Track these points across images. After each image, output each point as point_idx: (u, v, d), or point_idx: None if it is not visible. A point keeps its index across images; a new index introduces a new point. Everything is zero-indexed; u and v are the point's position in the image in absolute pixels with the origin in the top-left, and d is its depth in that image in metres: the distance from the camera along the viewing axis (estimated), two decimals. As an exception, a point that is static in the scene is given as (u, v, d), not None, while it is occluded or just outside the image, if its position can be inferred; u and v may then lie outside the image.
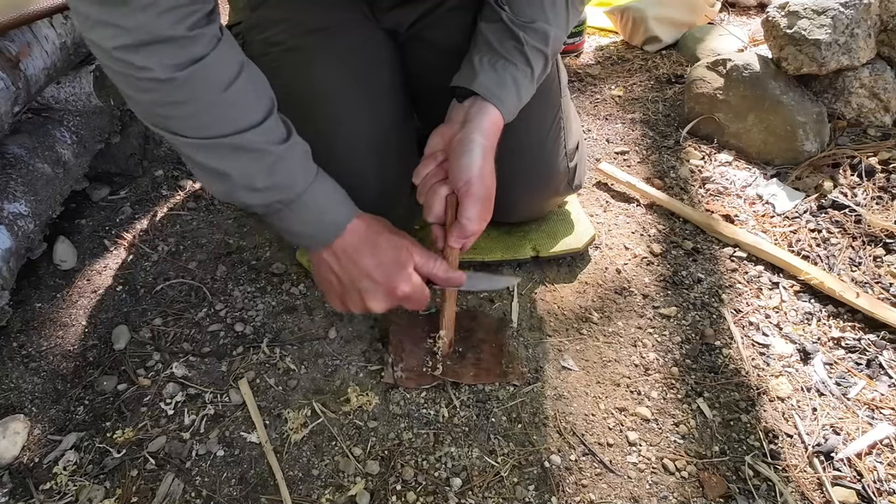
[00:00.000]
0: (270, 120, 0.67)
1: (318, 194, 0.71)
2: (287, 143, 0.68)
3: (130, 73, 0.59)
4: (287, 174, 0.68)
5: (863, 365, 0.85)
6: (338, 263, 0.74)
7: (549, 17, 0.77)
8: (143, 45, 0.58)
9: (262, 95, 0.68)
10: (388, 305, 0.77)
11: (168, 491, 0.73)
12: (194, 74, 0.60)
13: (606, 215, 1.14)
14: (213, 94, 0.62)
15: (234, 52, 0.65)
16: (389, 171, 0.90)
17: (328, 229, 0.73)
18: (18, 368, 0.88)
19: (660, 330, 0.92)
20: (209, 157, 0.65)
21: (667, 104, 1.47)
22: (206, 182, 0.70)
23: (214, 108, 0.63)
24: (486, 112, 0.75)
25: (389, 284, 0.74)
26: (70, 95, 1.12)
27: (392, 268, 0.74)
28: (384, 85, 0.90)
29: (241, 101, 0.65)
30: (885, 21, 1.22)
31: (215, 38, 0.62)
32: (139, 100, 0.63)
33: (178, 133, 0.64)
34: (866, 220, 1.05)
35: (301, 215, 0.71)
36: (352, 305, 0.77)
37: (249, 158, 0.66)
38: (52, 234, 1.07)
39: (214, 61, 0.62)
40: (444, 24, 0.87)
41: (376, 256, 0.74)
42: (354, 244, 0.74)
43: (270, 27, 0.85)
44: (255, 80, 0.67)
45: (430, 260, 0.77)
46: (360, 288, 0.75)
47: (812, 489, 0.72)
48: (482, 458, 0.76)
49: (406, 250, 0.76)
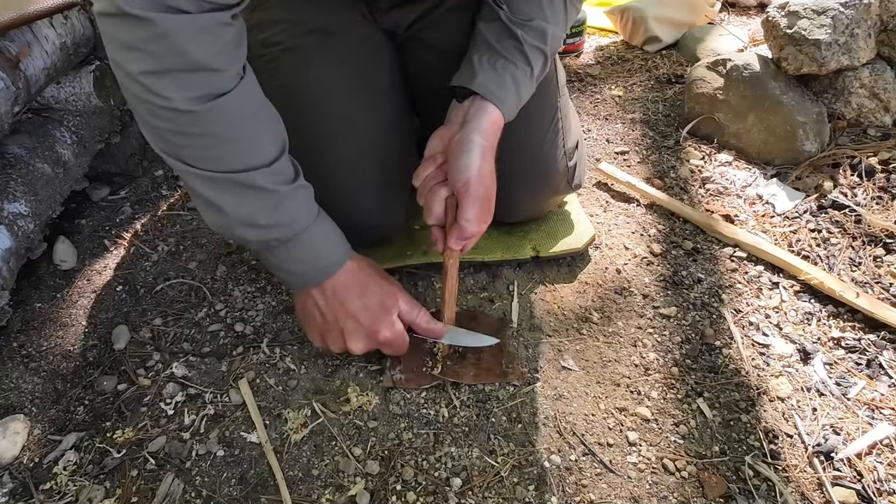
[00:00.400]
0: (281, 161, 0.68)
1: (317, 235, 0.72)
2: (294, 185, 0.69)
3: (150, 100, 0.59)
4: (289, 214, 0.69)
5: (863, 365, 0.85)
6: (324, 301, 0.75)
7: (548, 16, 0.77)
8: (167, 72, 0.57)
9: (275, 135, 0.68)
10: (368, 348, 0.78)
11: (168, 491, 0.73)
12: (214, 109, 0.60)
13: (606, 215, 1.14)
14: (230, 130, 0.63)
15: (255, 90, 0.66)
16: (389, 172, 0.90)
17: (321, 270, 0.74)
18: (18, 368, 0.88)
19: (660, 330, 0.92)
20: (214, 190, 0.65)
21: (667, 104, 1.47)
22: (205, 213, 0.69)
23: (229, 143, 0.63)
24: (486, 112, 0.75)
25: (372, 328, 0.76)
26: (70, 95, 1.12)
27: (377, 312, 0.76)
28: (383, 85, 0.90)
29: (255, 140, 0.65)
30: (885, 21, 1.22)
31: (238, 76, 0.63)
32: (155, 126, 0.62)
33: (188, 163, 0.64)
34: (866, 220, 1.05)
35: (296, 254, 0.71)
36: (331, 343, 0.79)
37: (255, 196, 0.66)
38: (52, 234, 1.07)
39: (236, 98, 0.62)
40: (443, 25, 0.87)
41: (363, 299, 0.76)
42: (344, 284, 0.75)
43: (269, 28, 0.85)
44: (270, 119, 0.68)
45: (414, 308, 0.79)
46: (343, 328, 0.76)
47: (812, 489, 0.72)
48: (482, 458, 0.76)
49: (393, 297, 0.78)
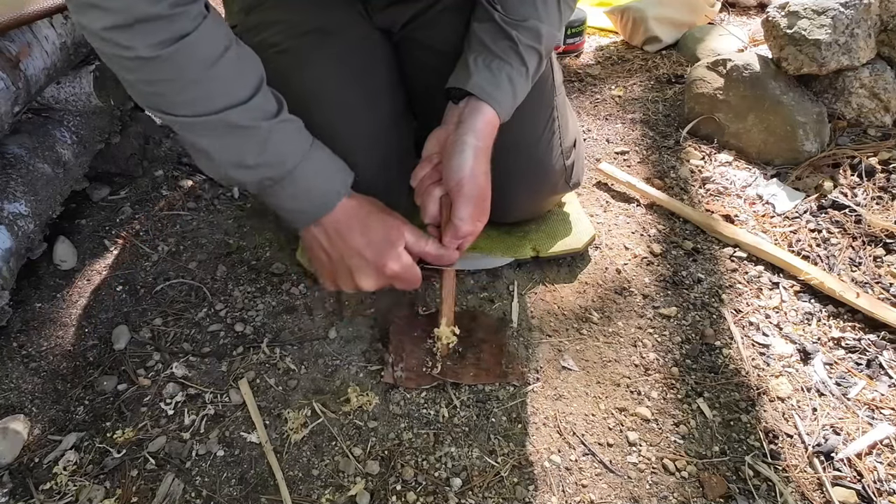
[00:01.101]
0: (259, 96, 0.67)
1: (309, 170, 0.71)
2: (276, 119, 0.68)
3: (118, 53, 0.60)
4: (276, 151, 0.68)
5: (863, 365, 0.85)
6: (328, 240, 0.75)
7: (542, 15, 0.77)
8: (127, 26, 0.58)
9: (249, 72, 0.67)
10: (379, 284, 0.77)
11: (168, 491, 0.73)
12: (178, 52, 0.60)
13: (606, 215, 1.14)
14: (198, 70, 0.62)
15: (220, 29, 0.65)
16: (388, 170, 0.90)
17: (319, 204, 0.73)
18: (18, 368, 0.88)
19: (660, 330, 0.92)
20: (198, 134, 0.66)
21: (667, 104, 1.47)
22: (198, 160, 0.70)
23: (200, 84, 0.63)
24: (480, 112, 0.75)
25: (379, 262, 0.74)
26: (70, 95, 1.12)
27: (382, 246, 0.75)
28: (381, 84, 0.90)
29: (227, 78, 0.65)
30: (885, 21, 1.22)
31: (200, 16, 0.62)
32: (129, 79, 0.63)
33: (167, 111, 0.64)
34: (866, 220, 1.05)
35: (291, 191, 0.71)
36: (342, 283, 0.78)
37: (238, 135, 0.66)
38: (52, 234, 1.07)
39: (199, 38, 0.62)
40: (438, 24, 0.87)
41: (366, 234, 0.74)
42: (345, 221, 0.74)
43: (265, 30, 0.85)
44: (242, 56, 0.67)
45: (421, 239, 0.77)
46: (350, 265, 0.75)
47: (812, 489, 0.72)
48: (482, 458, 0.76)
49: (397, 229, 0.76)
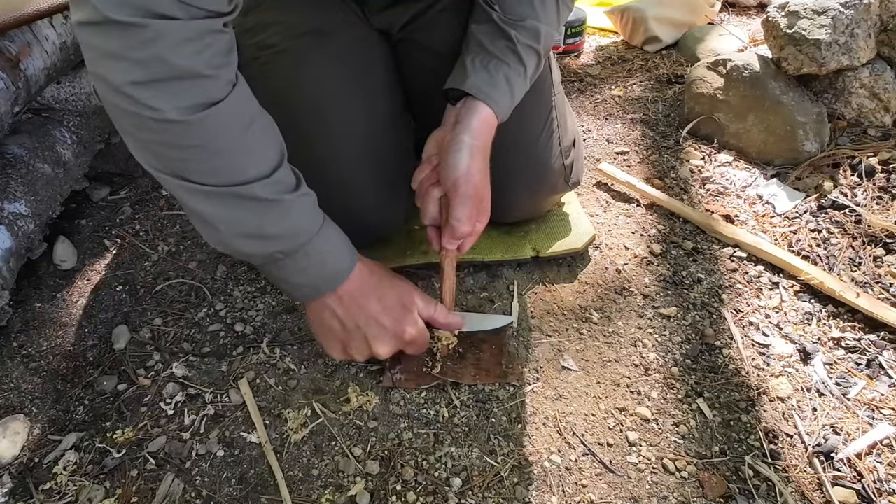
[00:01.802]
0: (281, 170, 0.65)
1: (323, 243, 0.69)
2: (296, 193, 0.66)
3: (139, 112, 0.55)
4: (294, 224, 0.66)
5: (863, 365, 0.85)
6: (343, 309, 0.73)
7: (540, 15, 0.77)
8: (158, 82, 0.54)
9: (273, 143, 0.65)
10: (394, 350, 0.76)
11: (168, 491, 0.73)
12: (209, 118, 0.57)
13: (606, 215, 1.14)
14: (225, 140, 0.60)
15: (248, 98, 0.63)
16: (388, 170, 0.90)
17: (332, 277, 0.71)
18: (18, 368, 0.88)
19: (660, 330, 0.92)
20: (212, 204, 0.62)
21: (667, 104, 1.47)
22: (202, 229, 0.66)
23: (225, 155, 0.60)
24: (477, 112, 0.75)
25: (397, 329, 0.74)
26: (70, 95, 1.12)
27: (399, 312, 0.74)
28: (379, 85, 0.90)
29: (253, 149, 0.63)
30: (885, 21, 1.22)
31: (230, 84, 0.60)
32: (144, 140, 0.59)
33: (182, 177, 0.60)
34: (866, 220, 1.05)
35: (303, 265, 0.68)
36: (356, 352, 0.76)
37: (256, 209, 0.63)
38: (52, 234, 1.07)
39: (229, 106, 0.59)
40: (436, 26, 0.87)
41: (382, 301, 0.74)
42: (361, 288, 0.72)
43: (262, 31, 0.85)
44: (267, 127, 0.65)
45: (430, 304, 0.78)
46: (367, 333, 0.74)
47: (812, 489, 0.72)
48: (482, 458, 0.76)
49: (409, 294, 0.76)
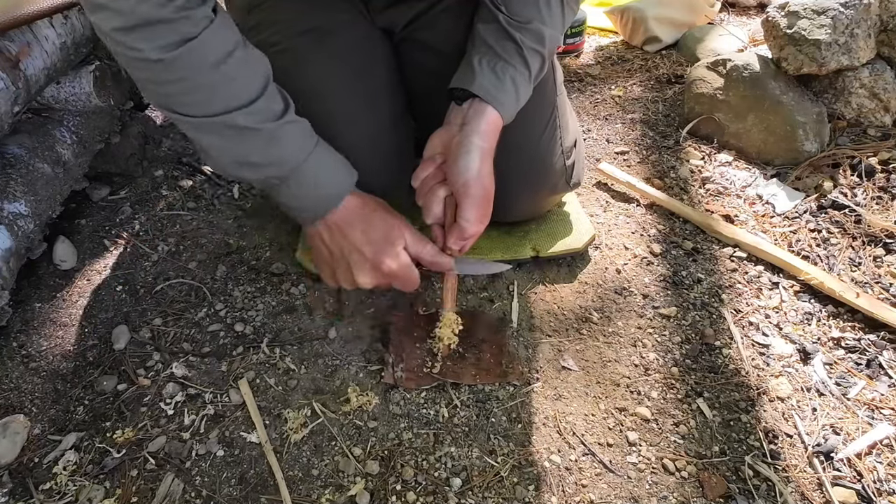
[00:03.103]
0: (263, 98, 0.68)
1: (313, 169, 0.73)
2: (282, 120, 0.70)
3: (126, 54, 0.62)
4: (281, 151, 0.70)
5: (863, 365, 0.85)
6: (329, 236, 0.77)
7: (545, 18, 0.77)
8: (134, 28, 0.60)
9: (255, 74, 0.69)
10: (376, 281, 0.78)
11: (168, 491, 0.73)
12: (183, 55, 0.62)
13: (606, 215, 1.14)
14: (204, 73, 0.64)
15: (227, 32, 0.66)
16: (387, 171, 0.90)
17: (322, 203, 0.75)
18: (18, 368, 0.88)
19: (660, 330, 0.92)
20: (202, 134, 0.68)
21: (667, 104, 1.47)
22: (203, 156, 0.72)
23: (205, 87, 0.65)
24: (485, 114, 0.75)
25: (376, 259, 0.76)
26: (70, 95, 1.12)
27: (381, 244, 0.76)
28: (381, 83, 0.90)
29: (232, 80, 0.66)
30: (885, 21, 1.22)
31: (206, 19, 0.63)
32: (138, 78, 0.65)
33: (176, 111, 0.66)
34: (866, 220, 1.05)
35: (295, 190, 0.73)
36: (341, 279, 0.80)
37: (241, 136, 0.68)
38: (52, 234, 1.07)
39: (204, 42, 0.63)
40: (438, 25, 0.87)
41: (367, 232, 0.76)
42: (347, 218, 0.76)
43: (266, 29, 0.85)
44: (249, 58, 0.68)
45: (419, 241, 0.79)
46: (349, 261, 0.77)
47: (812, 489, 0.72)
48: (482, 458, 0.76)
49: (397, 229, 0.77)
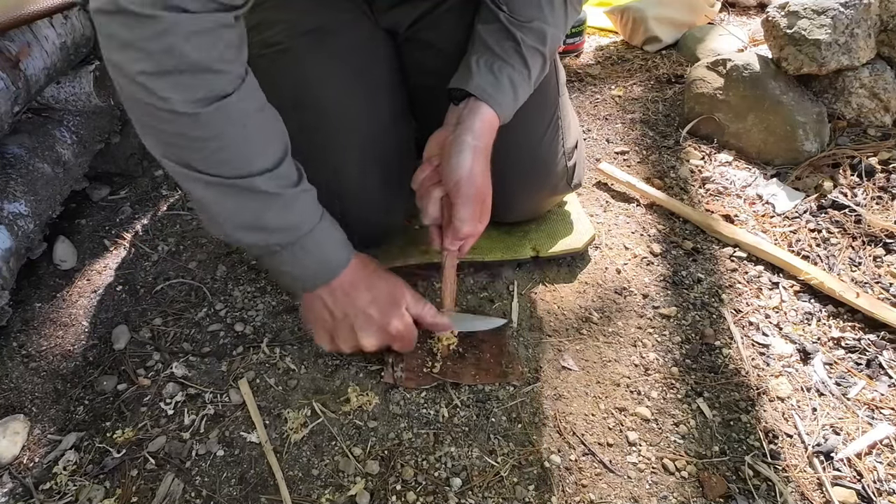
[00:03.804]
0: (285, 164, 0.67)
1: (321, 237, 0.71)
2: (298, 188, 0.68)
3: (150, 102, 0.58)
4: (294, 218, 0.68)
5: (863, 365, 0.85)
6: (332, 299, 0.75)
7: (547, 17, 0.77)
8: (167, 73, 0.56)
9: (278, 138, 0.67)
10: (380, 342, 0.78)
11: (168, 491, 0.73)
12: (216, 112, 0.59)
13: (606, 215, 1.14)
14: (233, 134, 0.62)
15: (256, 93, 0.65)
16: (389, 168, 0.90)
17: (327, 270, 0.73)
18: (18, 368, 0.88)
19: (660, 330, 0.92)
20: (216, 194, 0.64)
21: (667, 104, 1.47)
22: (204, 218, 0.69)
23: (232, 148, 0.62)
24: (479, 113, 0.75)
25: (384, 321, 0.76)
26: (70, 95, 1.12)
27: (387, 305, 0.76)
28: (382, 84, 0.90)
29: (258, 144, 0.65)
30: (885, 21, 1.22)
31: (240, 78, 0.62)
32: (155, 128, 0.61)
33: (190, 167, 0.62)
34: (866, 220, 1.05)
35: (300, 257, 0.70)
36: (342, 343, 0.78)
37: (258, 201, 0.65)
38: (52, 234, 1.07)
39: (238, 101, 0.61)
40: (442, 24, 0.87)
41: (372, 293, 0.76)
42: (351, 281, 0.74)
43: (268, 28, 0.85)
44: (272, 121, 0.67)
45: (419, 302, 0.79)
46: (354, 323, 0.75)
47: (812, 489, 0.72)
48: (482, 458, 0.76)
49: (400, 289, 0.78)
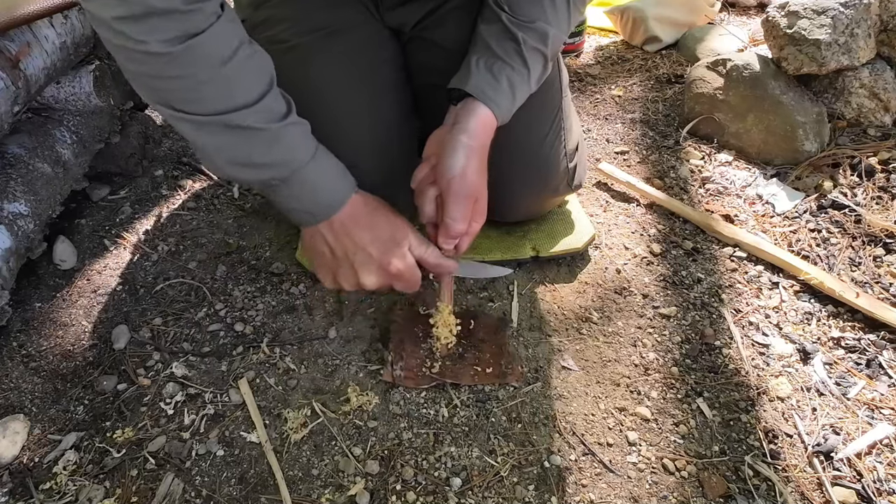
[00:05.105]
0: (268, 98, 0.67)
1: (316, 172, 0.71)
2: (285, 122, 0.68)
3: (126, 45, 0.59)
4: (284, 152, 0.68)
5: (863, 365, 0.85)
6: (333, 236, 0.74)
7: (550, 17, 0.77)
8: (139, 17, 0.57)
9: (260, 72, 0.67)
10: (381, 282, 0.76)
11: (168, 491, 0.73)
12: (189, 49, 0.60)
13: (606, 215, 1.14)
14: (209, 70, 0.62)
15: (233, 29, 0.65)
16: (392, 171, 0.89)
17: (325, 206, 0.73)
18: (18, 368, 0.88)
19: (660, 330, 0.92)
20: (203, 132, 0.65)
21: (667, 104, 1.47)
22: (200, 156, 0.70)
23: (210, 84, 0.63)
24: (475, 113, 0.75)
25: (384, 259, 0.74)
26: (70, 95, 1.12)
27: (388, 243, 0.75)
28: (387, 83, 0.90)
29: (237, 79, 0.64)
30: (885, 21, 1.22)
31: (214, 15, 0.62)
32: (136, 71, 0.62)
33: (174, 107, 0.63)
34: (866, 220, 1.05)
35: (297, 192, 0.71)
36: (343, 280, 0.77)
37: (244, 136, 0.66)
38: (52, 233, 1.07)
39: (211, 37, 0.61)
40: (447, 23, 0.87)
41: (373, 230, 0.74)
42: (351, 217, 0.74)
43: (273, 26, 0.85)
44: (253, 57, 0.67)
45: (423, 244, 0.77)
46: (354, 261, 0.75)
47: (812, 489, 0.72)
48: (482, 458, 0.76)
49: (402, 229, 0.76)
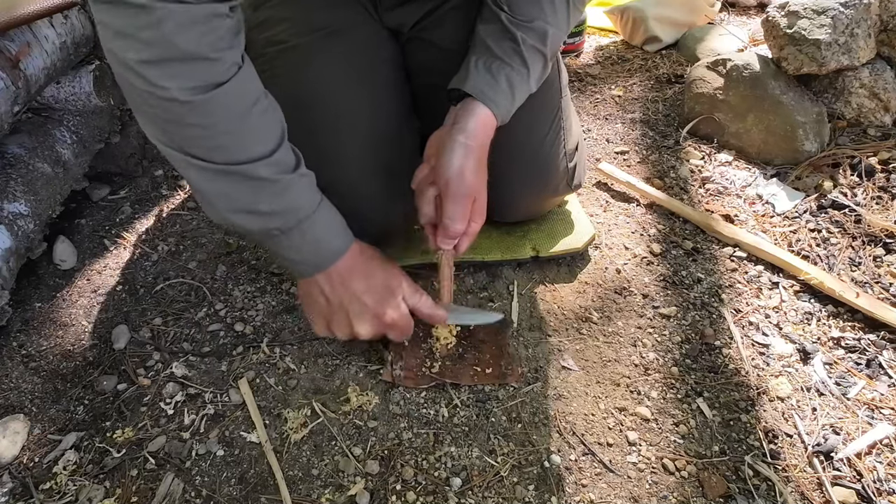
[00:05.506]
0: (282, 149, 0.67)
1: (319, 223, 0.71)
2: (295, 173, 0.68)
3: (147, 90, 0.58)
4: (291, 202, 0.68)
5: (863, 365, 0.85)
6: (330, 286, 0.75)
7: (549, 17, 0.77)
8: (165, 62, 0.56)
9: (275, 124, 0.67)
10: (374, 331, 0.78)
11: (168, 491, 0.73)
12: (213, 99, 0.60)
13: (606, 215, 1.14)
14: (230, 121, 0.62)
15: (253, 80, 0.65)
16: (391, 168, 0.89)
17: (325, 257, 0.74)
18: (18, 368, 0.88)
19: (660, 330, 0.92)
20: (214, 181, 0.65)
21: (667, 104, 1.47)
22: (203, 203, 0.69)
23: (229, 135, 0.63)
24: (474, 112, 0.75)
25: (378, 309, 0.76)
26: (70, 95, 1.12)
27: (383, 293, 0.76)
28: (386, 84, 0.90)
29: (255, 131, 0.65)
30: (885, 21, 1.22)
31: (236, 65, 0.62)
32: (152, 115, 0.61)
33: (187, 153, 0.63)
34: (866, 219, 1.05)
35: (297, 243, 0.71)
36: (337, 329, 0.78)
37: (256, 187, 0.66)
38: (52, 233, 1.07)
39: (234, 88, 0.61)
40: (446, 23, 0.87)
41: (368, 281, 0.76)
42: (349, 268, 0.75)
43: (272, 26, 0.85)
44: (269, 108, 0.67)
45: (416, 293, 0.79)
46: (349, 311, 0.76)
47: (812, 489, 0.72)
48: (482, 458, 0.76)
49: (397, 279, 0.78)
